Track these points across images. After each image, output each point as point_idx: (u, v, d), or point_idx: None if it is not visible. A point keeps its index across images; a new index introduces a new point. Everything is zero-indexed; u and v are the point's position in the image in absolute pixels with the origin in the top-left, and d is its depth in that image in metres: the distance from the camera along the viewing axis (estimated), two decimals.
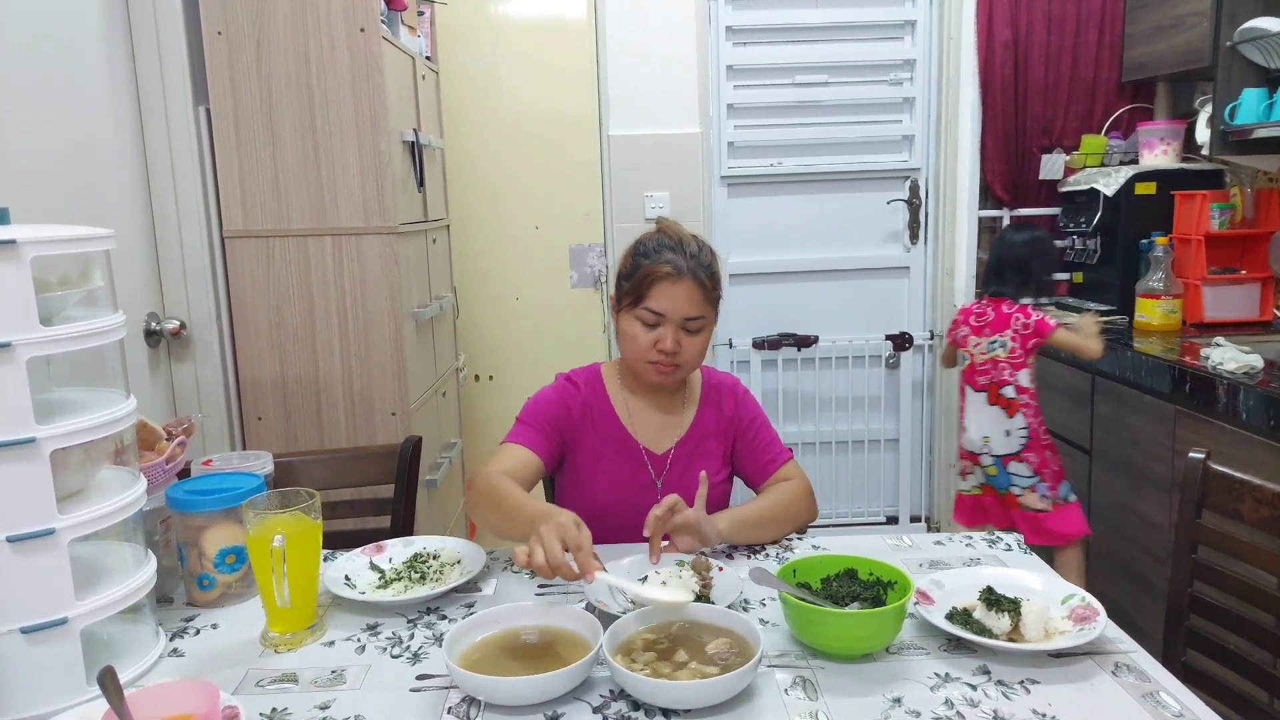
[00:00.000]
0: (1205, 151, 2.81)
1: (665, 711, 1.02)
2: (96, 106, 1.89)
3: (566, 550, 1.18)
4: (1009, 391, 2.58)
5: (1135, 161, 3.07)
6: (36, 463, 1.01)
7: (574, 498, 1.60)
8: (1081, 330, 2.54)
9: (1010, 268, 2.65)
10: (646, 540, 1.36)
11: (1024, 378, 2.57)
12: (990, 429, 2.61)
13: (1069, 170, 3.23)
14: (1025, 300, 2.66)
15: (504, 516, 1.37)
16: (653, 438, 1.61)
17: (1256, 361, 2.15)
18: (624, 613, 1.18)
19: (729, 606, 1.22)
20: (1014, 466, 2.59)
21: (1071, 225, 3.16)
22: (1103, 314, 2.98)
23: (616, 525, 1.47)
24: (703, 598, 1.26)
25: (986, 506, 2.70)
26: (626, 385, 1.64)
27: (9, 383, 0.99)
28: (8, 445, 0.99)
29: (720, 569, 1.32)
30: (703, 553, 1.39)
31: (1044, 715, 1.01)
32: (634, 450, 1.60)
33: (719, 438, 1.64)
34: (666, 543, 1.40)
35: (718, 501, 1.59)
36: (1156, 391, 2.37)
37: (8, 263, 0.99)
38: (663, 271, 1.49)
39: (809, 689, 1.07)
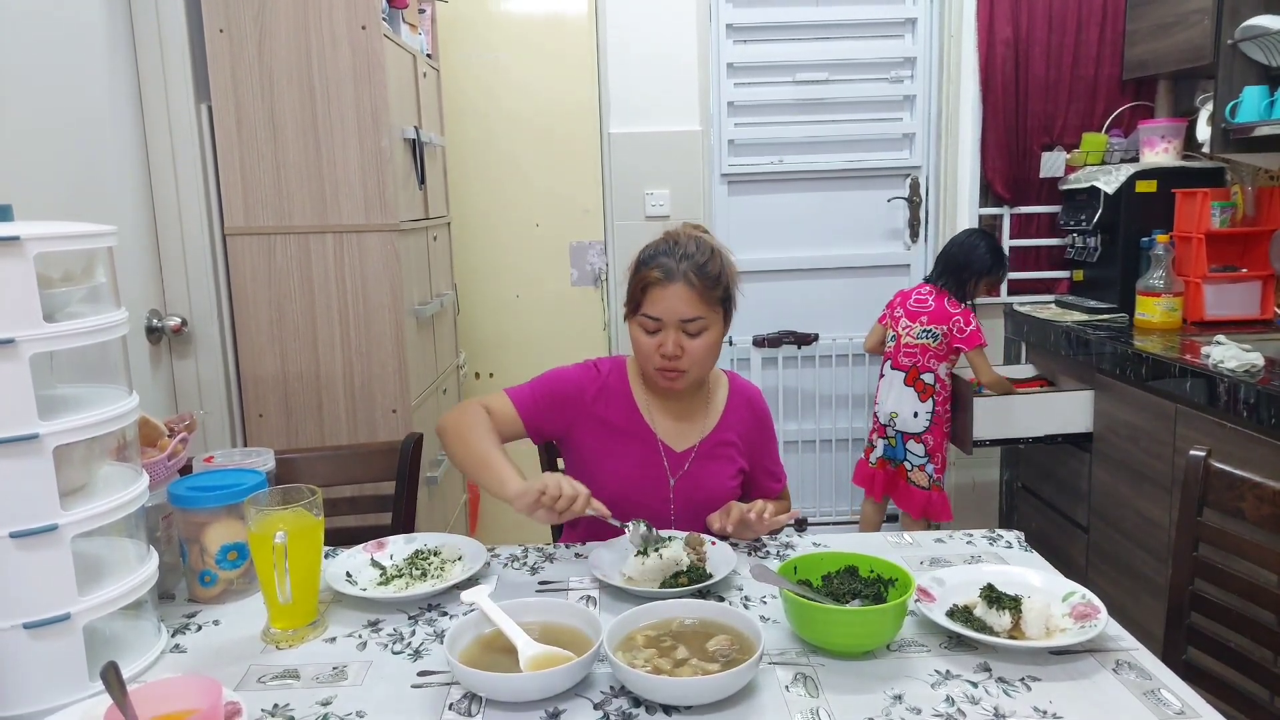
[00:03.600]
0: (1206, 149, 2.81)
1: (666, 708, 1.02)
2: (99, 104, 1.89)
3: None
4: (928, 378, 2.88)
5: (1136, 159, 3.07)
6: (39, 459, 1.01)
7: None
8: (1001, 380, 2.86)
9: (956, 266, 2.91)
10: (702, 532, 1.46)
11: (943, 370, 2.88)
12: (899, 406, 2.91)
13: (1069, 168, 3.23)
14: (966, 302, 2.91)
15: (476, 462, 1.46)
16: (672, 435, 1.62)
17: (1257, 359, 2.15)
18: (627, 580, 1.31)
19: (727, 578, 1.33)
20: (912, 445, 2.91)
21: (1072, 223, 3.16)
22: (1102, 311, 2.99)
23: (626, 513, 1.47)
24: (698, 569, 1.33)
25: (878, 476, 3.02)
26: (647, 383, 1.64)
27: (12, 379, 0.99)
28: (11, 441, 0.99)
29: (713, 543, 1.41)
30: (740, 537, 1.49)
31: (1045, 712, 1.01)
32: (651, 441, 1.60)
33: (738, 446, 1.66)
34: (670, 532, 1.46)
35: (727, 500, 1.60)
36: (1157, 389, 2.37)
37: (11, 259, 0.99)
38: (653, 276, 1.50)
39: (810, 686, 1.07)
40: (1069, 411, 2.75)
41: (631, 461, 1.58)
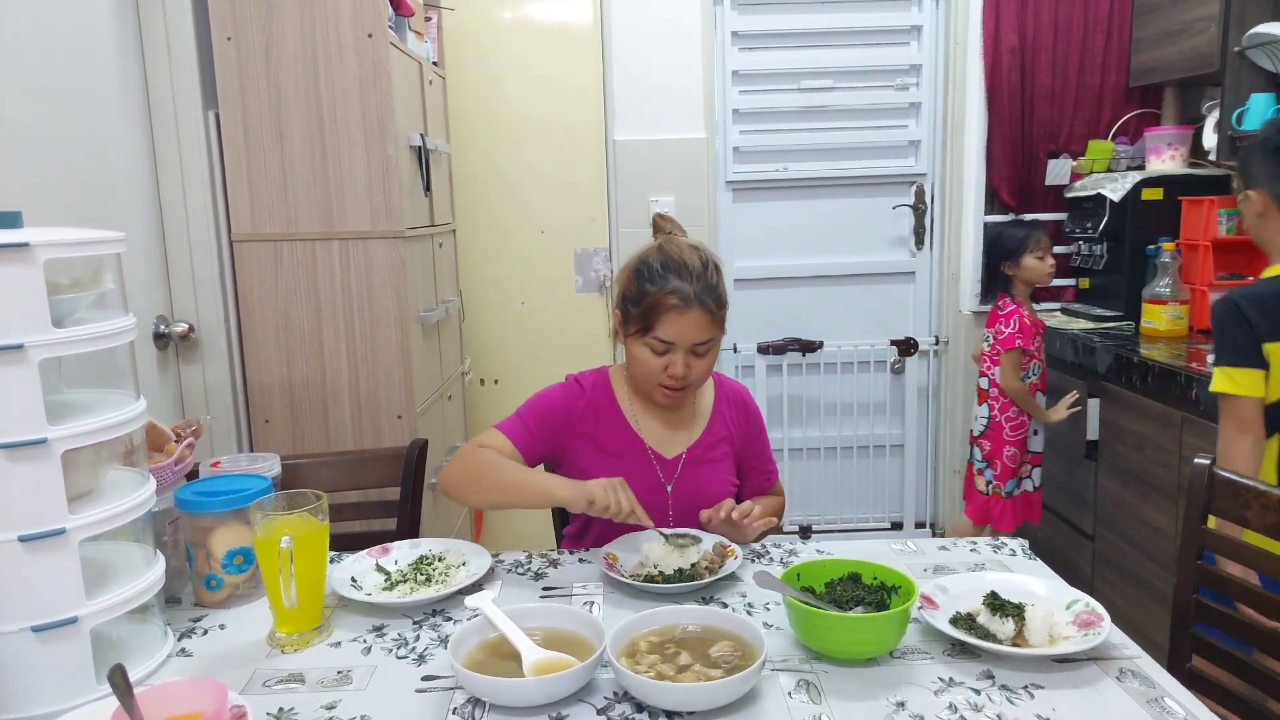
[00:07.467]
0: (1212, 157, 2.81)
1: (669, 714, 1.03)
2: (107, 111, 1.90)
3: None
4: (983, 382, 2.84)
5: (1142, 167, 3.07)
6: (48, 463, 1.02)
7: None
8: (1058, 406, 2.75)
9: (992, 264, 2.86)
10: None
11: (997, 374, 2.78)
12: (974, 411, 2.93)
13: (1075, 175, 3.23)
14: (1014, 295, 2.80)
15: (506, 489, 1.48)
16: (661, 441, 1.62)
17: None
18: (631, 578, 1.34)
19: (730, 585, 1.34)
20: (975, 449, 2.89)
21: (1078, 231, 3.16)
22: (1108, 319, 2.98)
23: (625, 524, 1.48)
24: (696, 575, 1.36)
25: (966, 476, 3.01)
26: (634, 391, 1.65)
27: (21, 384, 1.00)
28: (20, 445, 1.00)
29: (736, 556, 1.41)
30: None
31: None
32: (641, 452, 1.61)
33: (729, 446, 1.67)
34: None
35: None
36: (1163, 397, 2.37)
37: (21, 265, 1.00)
38: (670, 303, 1.48)
39: (812, 692, 1.07)
40: (1073, 418, 2.74)
41: (623, 473, 1.57)
